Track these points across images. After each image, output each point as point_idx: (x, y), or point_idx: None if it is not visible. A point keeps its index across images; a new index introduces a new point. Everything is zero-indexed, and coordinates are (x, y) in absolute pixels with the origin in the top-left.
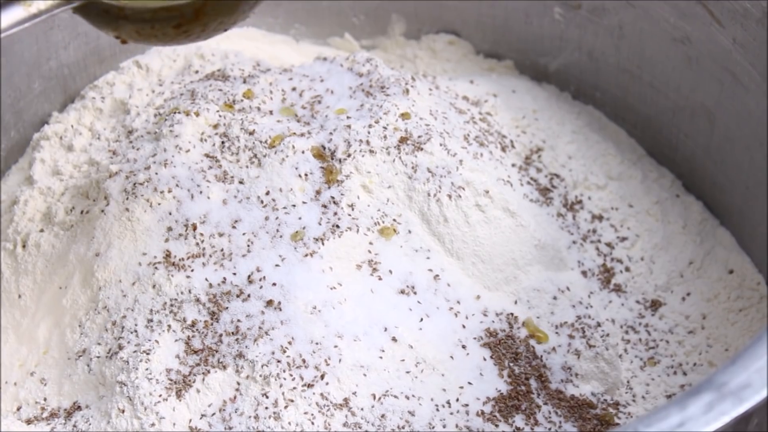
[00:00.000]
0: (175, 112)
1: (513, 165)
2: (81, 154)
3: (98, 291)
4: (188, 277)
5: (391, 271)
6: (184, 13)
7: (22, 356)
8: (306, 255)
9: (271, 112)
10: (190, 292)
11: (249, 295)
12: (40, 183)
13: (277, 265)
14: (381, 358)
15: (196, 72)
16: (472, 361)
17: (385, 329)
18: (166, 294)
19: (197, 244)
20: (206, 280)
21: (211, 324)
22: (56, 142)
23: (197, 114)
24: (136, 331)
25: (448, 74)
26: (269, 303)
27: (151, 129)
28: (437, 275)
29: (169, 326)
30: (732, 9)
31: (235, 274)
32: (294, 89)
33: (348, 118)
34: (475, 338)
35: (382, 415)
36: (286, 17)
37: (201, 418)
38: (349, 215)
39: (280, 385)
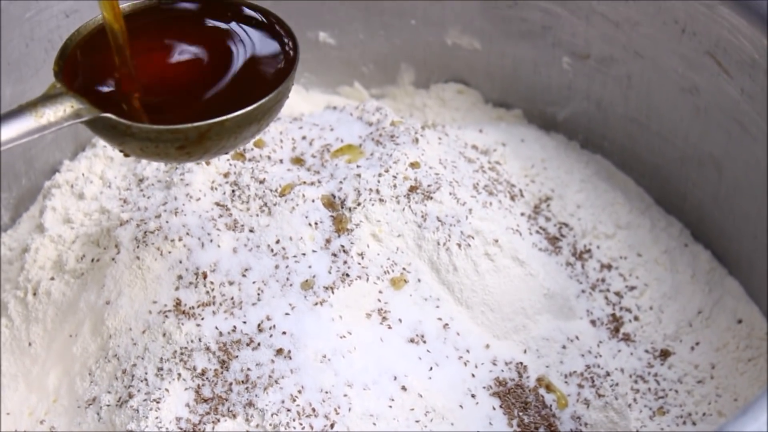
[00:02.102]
0: None
1: (522, 214)
2: (92, 202)
3: (108, 339)
4: (198, 325)
5: (400, 320)
6: (188, 136)
7: (32, 405)
8: (316, 303)
9: (281, 161)
10: (200, 340)
11: (259, 344)
12: (51, 231)
13: (287, 314)
14: (391, 407)
15: None
16: (481, 411)
17: (395, 378)
18: (177, 342)
19: (207, 292)
20: (216, 328)
21: (221, 372)
22: (67, 190)
23: (208, 163)
24: (146, 379)
25: (457, 123)
26: (279, 351)
27: (161, 177)
28: (447, 324)
29: (179, 375)
30: (740, 60)
31: (245, 322)
32: (304, 138)
33: (358, 167)
34: (484, 387)
35: None
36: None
37: None
38: (359, 264)
39: None
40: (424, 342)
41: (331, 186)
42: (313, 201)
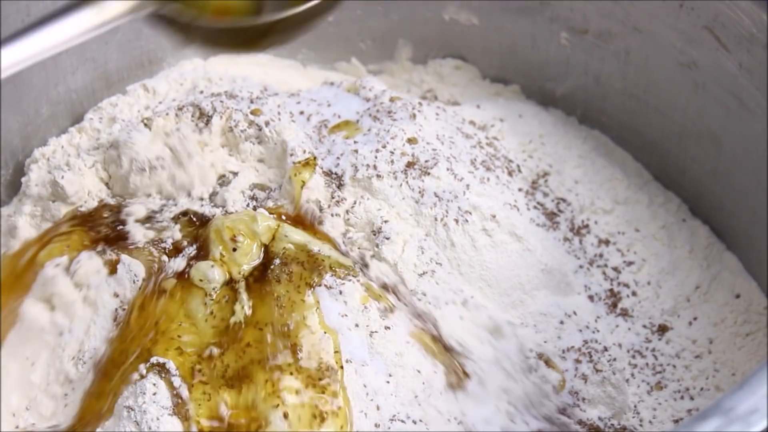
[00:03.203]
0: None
1: (520, 189)
2: None
3: (74, 365)
4: None
5: None
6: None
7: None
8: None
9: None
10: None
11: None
12: (26, 209)
13: None
14: (388, 382)
15: (201, 92)
16: None
17: (394, 353)
18: None
19: None
20: None
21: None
22: (44, 164)
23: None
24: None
25: (455, 99)
26: None
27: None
28: None
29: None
30: (738, 34)
31: None
32: (302, 113)
33: (355, 142)
34: None
35: None
36: (293, 42)
37: None
38: None
39: None
40: None
41: (329, 162)
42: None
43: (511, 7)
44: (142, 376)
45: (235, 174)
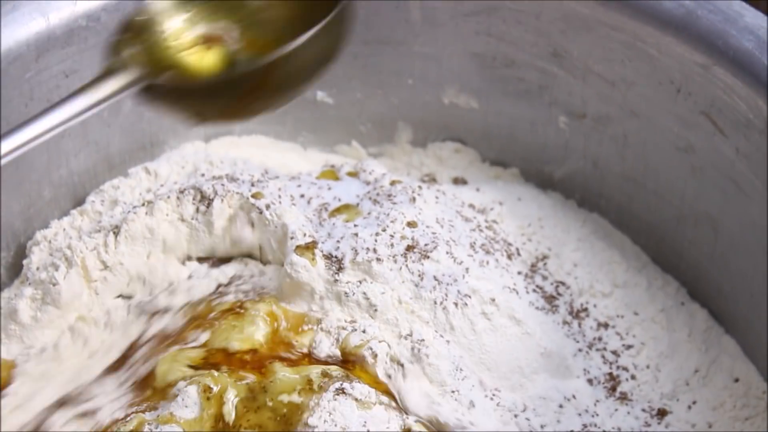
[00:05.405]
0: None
1: (519, 273)
2: None
3: None
4: None
5: None
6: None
7: None
8: None
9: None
10: None
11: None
12: (27, 292)
13: None
14: None
15: (203, 175)
16: None
17: None
18: None
19: None
20: None
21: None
22: (46, 246)
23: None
24: None
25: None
26: None
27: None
28: None
29: None
30: (735, 120)
31: None
32: (302, 196)
33: (355, 226)
34: None
35: None
36: (293, 125)
37: None
38: None
39: None
40: None
41: (329, 245)
42: None
43: (510, 91)
44: None
45: None
